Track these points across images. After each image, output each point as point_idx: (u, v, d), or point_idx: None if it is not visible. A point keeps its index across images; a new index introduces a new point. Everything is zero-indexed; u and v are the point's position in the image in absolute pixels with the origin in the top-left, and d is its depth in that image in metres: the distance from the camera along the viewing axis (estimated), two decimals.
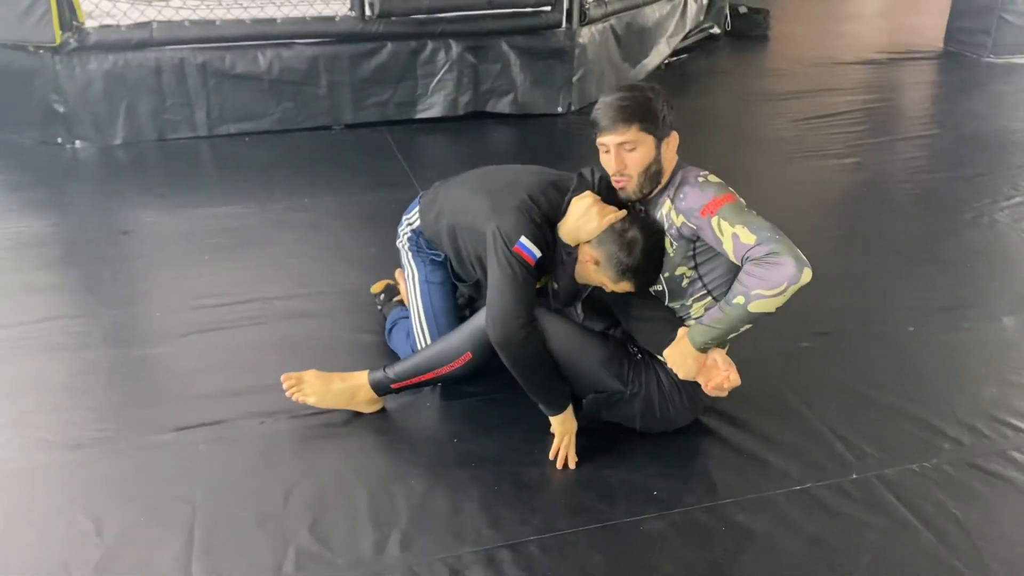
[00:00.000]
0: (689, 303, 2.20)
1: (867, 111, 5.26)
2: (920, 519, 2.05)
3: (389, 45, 4.78)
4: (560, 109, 5.18)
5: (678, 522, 2.05)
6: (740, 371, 2.54)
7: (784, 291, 1.94)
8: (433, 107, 4.97)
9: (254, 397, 2.48)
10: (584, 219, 2.18)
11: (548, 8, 4.95)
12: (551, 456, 2.24)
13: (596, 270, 2.19)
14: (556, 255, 2.25)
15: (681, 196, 2.12)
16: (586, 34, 5.14)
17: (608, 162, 2.16)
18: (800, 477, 2.19)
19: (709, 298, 2.18)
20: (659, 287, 2.22)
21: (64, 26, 4.31)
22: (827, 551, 1.97)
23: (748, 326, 2.05)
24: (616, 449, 2.29)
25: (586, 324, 2.41)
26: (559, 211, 2.24)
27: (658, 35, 6.03)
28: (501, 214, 2.21)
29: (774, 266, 1.94)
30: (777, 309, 1.98)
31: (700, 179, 2.14)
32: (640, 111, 2.10)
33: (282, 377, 2.38)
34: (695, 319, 2.17)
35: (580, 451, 2.26)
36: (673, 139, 2.17)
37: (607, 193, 2.22)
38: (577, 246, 2.21)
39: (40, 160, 4.40)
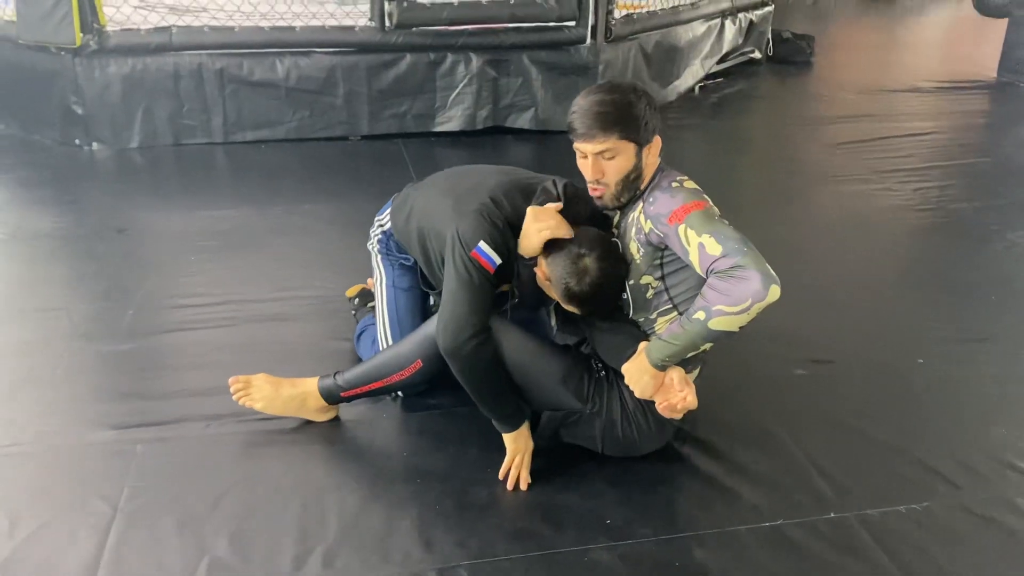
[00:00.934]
0: (654, 316, 2.03)
1: (907, 138, 5.02)
2: (898, 565, 1.84)
3: (408, 56, 4.72)
4: None
5: (628, 554, 1.86)
6: (725, 397, 2.41)
7: (748, 308, 1.76)
8: (451, 120, 4.88)
9: (206, 399, 2.37)
10: (524, 234, 2.04)
11: (572, 23, 4.84)
12: (501, 475, 2.08)
13: (548, 286, 2.04)
14: (517, 261, 2.11)
15: (651, 200, 1.97)
16: (611, 51, 5.01)
17: (585, 168, 2.01)
18: (771, 513, 1.99)
19: (675, 313, 2.01)
20: (624, 295, 2.06)
21: (85, 28, 4.34)
22: None
23: (708, 344, 1.87)
24: (574, 473, 2.12)
25: (559, 336, 2.26)
26: (523, 216, 2.10)
27: (692, 56, 5.87)
28: (461, 217, 2.08)
29: (739, 281, 1.77)
30: (740, 328, 1.80)
31: (674, 184, 1.98)
32: (620, 118, 1.94)
33: (230, 380, 2.26)
34: (658, 335, 2.01)
35: (535, 473, 2.09)
36: (655, 144, 2.01)
37: (570, 203, 2.08)
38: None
39: (56, 160, 4.42)
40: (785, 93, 6.28)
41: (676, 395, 1.91)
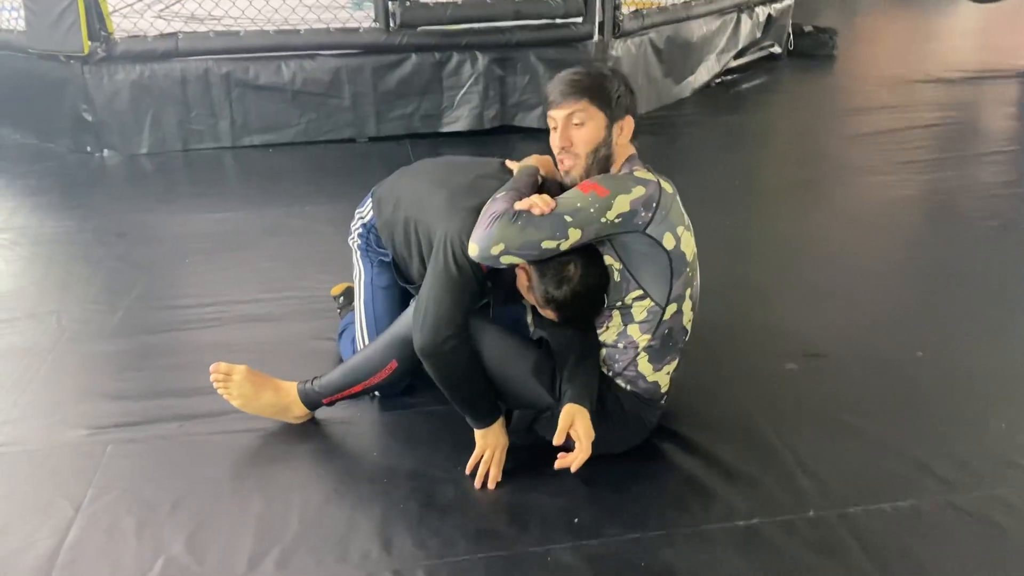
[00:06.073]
0: (629, 302, 1.95)
1: (926, 128, 4.87)
2: (877, 564, 1.75)
3: (413, 57, 4.69)
4: None
5: (593, 555, 1.80)
6: (709, 392, 2.40)
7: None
8: (458, 120, 4.84)
9: (182, 400, 2.35)
10: None
11: (579, 19, 4.77)
12: (468, 470, 2.02)
13: (528, 288, 1.99)
14: None
15: None
16: (620, 47, 4.93)
17: (555, 139, 1.99)
18: (748, 511, 1.91)
19: (649, 300, 1.94)
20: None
21: (92, 36, 4.37)
22: None
23: None
24: (547, 471, 2.04)
25: (535, 333, 2.20)
26: None
27: (706, 51, 5.76)
28: (456, 214, 2.02)
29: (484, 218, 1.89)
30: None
31: (624, 171, 1.98)
32: (592, 87, 1.95)
33: (211, 367, 2.22)
34: (639, 322, 1.96)
35: (507, 470, 2.04)
36: (628, 124, 1.99)
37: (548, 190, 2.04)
38: None
39: (67, 168, 4.46)
40: (805, 86, 6.14)
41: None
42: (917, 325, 2.71)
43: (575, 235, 1.85)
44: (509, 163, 2.26)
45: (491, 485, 2.01)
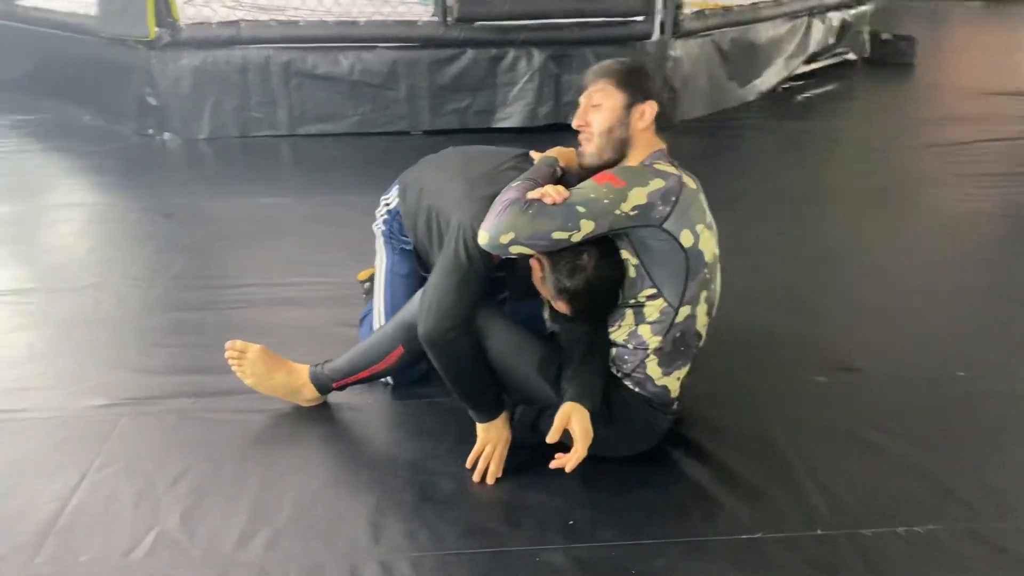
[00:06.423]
0: (642, 300, 1.89)
1: (999, 142, 4.64)
2: None
3: (470, 51, 4.68)
4: None
5: (583, 558, 1.74)
6: (730, 401, 2.29)
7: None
8: (512, 116, 4.81)
9: (201, 376, 2.38)
10: None
11: (640, 18, 4.69)
12: (468, 464, 1.98)
13: (541, 278, 1.94)
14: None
15: None
16: (681, 47, 4.83)
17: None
18: (752, 525, 1.82)
19: (661, 300, 1.87)
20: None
21: (159, 21, 4.49)
22: None
23: None
24: (548, 469, 1.98)
25: (551, 325, 2.16)
26: None
27: (774, 55, 5.61)
28: (472, 203, 1.99)
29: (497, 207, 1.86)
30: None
31: (645, 163, 1.94)
32: (619, 71, 1.97)
33: (227, 344, 2.22)
34: (650, 323, 1.89)
35: (508, 467, 1.99)
36: (648, 109, 1.94)
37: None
38: None
39: (130, 150, 4.60)
40: (878, 95, 5.92)
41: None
42: (963, 345, 2.56)
43: (588, 226, 1.80)
44: (533, 153, 2.22)
45: (490, 480, 1.96)
